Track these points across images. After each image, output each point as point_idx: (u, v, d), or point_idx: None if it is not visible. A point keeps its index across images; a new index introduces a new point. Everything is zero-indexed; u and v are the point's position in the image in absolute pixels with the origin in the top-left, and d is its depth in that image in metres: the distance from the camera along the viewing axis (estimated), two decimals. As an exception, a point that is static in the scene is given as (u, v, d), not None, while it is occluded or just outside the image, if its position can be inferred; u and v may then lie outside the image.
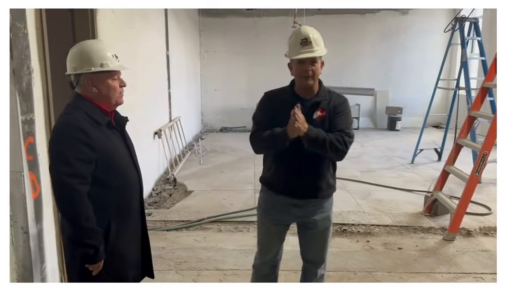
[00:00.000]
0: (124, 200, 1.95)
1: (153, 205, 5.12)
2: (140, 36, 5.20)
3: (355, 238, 4.07)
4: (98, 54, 1.85)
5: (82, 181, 1.75)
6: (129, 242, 2.01)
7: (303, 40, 2.17)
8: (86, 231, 1.77)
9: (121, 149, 1.96)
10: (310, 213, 2.36)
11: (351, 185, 5.90)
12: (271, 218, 2.44)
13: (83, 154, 1.75)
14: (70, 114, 1.83)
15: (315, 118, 2.21)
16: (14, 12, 2.27)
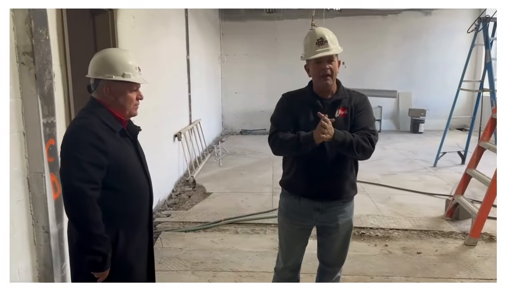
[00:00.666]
0: (134, 208, 1.94)
1: (172, 207, 5.20)
2: (160, 41, 5.30)
3: (373, 242, 4.02)
4: (122, 63, 1.85)
5: (93, 187, 1.73)
6: (137, 252, 1.99)
7: (319, 40, 2.17)
8: (95, 237, 1.74)
9: (133, 157, 1.95)
10: (332, 218, 2.32)
11: (371, 188, 5.83)
12: (293, 223, 2.40)
13: (97, 160, 1.74)
14: (85, 119, 1.83)
15: (337, 116, 2.18)
16: (37, 18, 2.36)
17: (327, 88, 2.22)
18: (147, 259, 2.09)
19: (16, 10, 2.28)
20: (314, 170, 2.24)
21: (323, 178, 2.24)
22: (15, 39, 2.31)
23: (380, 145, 9.02)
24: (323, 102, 2.20)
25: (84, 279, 1.87)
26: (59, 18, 2.74)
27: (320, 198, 2.27)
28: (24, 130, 2.41)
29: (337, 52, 2.19)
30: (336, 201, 2.30)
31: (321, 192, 2.26)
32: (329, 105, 2.20)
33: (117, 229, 1.86)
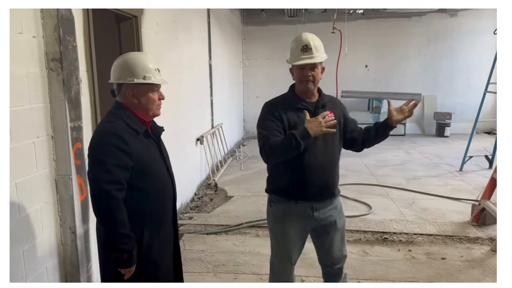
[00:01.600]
0: (158, 206, 1.99)
1: (194, 209, 5.26)
2: (183, 46, 5.39)
3: (396, 247, 3.96)
4: (141, 66, 1.91)
5: (119, 187, 1.79)
6: (162, 248, 2.04)
7: (304, 47, 2.23)
8: (121, 236, 1.81)
9: (156, 157, 2.01)
10: (328, 214, 2.38)
11: (394, 193, 5.75)
12: (292, 227, 2.37)
13: (122, 161, 1.80)
14: (110, 123, 1.90)
15: None
16: (65, 26, 2.45)
17: (309, 91, 2.30)
18: (171, 253, 2.14)
19: (45, 18, 2.38)
20: (309, 171, 2.27)
21: (319, 179, 2.30)
22: (44, 46, 2.41)
23: (404, 149, 8.92)
24: (309, 105, 2.29)
25: (110, 275, 1.94)
26: (86, 25, 2.83)
27: (317, 198, 2.33)
28: (52, 134, 2.50)
29: (320, 60, 2.25)
30: (330, 198, 2.39)
31: (317, 192, 2.32)
32: (316, 107, 2.29)
33: (142, 227, 1.92)
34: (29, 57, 2.30)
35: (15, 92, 2.18)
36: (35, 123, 2.36)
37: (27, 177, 2.30)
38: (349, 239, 4.12)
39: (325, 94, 2.39)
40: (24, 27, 2.24)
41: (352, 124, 2.47)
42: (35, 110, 2.35)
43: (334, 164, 2.38)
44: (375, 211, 4.92)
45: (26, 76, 2.27)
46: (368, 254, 3.83)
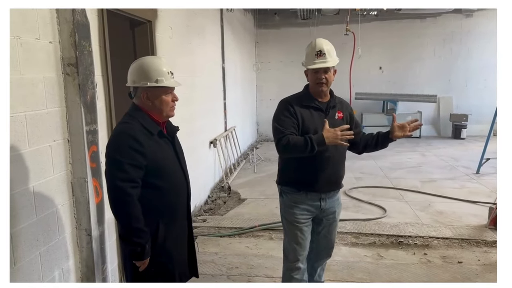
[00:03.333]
0: (172, 202, 2.08)
1: (208, 212, 5.28)
2: (197, 50, 5.43)
3: (411, 251, 3.91)
4: (155, 70, 2.00)
5: (133, 185, 1.90)
6: (176, 242, 2.13)
7: (318, 52, 2.46)
8: (135, 230, 1.91)
9: (170, 156, 2.09)
10: (332, 204, 2.66)
11: (410, 195, 5.68)
12: (303, 216, 2.60)
13: (136, 161, 1.90)
14: (126, 124, 2.00)
15: (336, 118, 2.55)
16: (80, 31, 2.50)
17: (322, 93, 2.53)
18: (185, 249, 2.22)
19: (62, 24, 2.43)
20: (320, 165, 2.51)
21: (330, 172, 2.55)
22: (60, 51, 2.45)
23: (420, 152, 8.82)
24: (322, 105, 2.54)
25: (130, 267, 2.05)
26: (101, 31, 2.87)
27: (326, 189, 2.58)
28: (68, 137, 2.54)
29: (333, 64, 2.48)
30: (335, 190, 2.66)
31: (327, 184, 2.57)
32: (327, 107, 2.55)
33: (157, 221, 2.02)
34: (46, 62, 2.34)
35: (32, 97, 2.22)
36: (52, 127, 2.40)
37: (44, 180, 2.34)
38: (364, 242, 4.09)
39: (335, 96, 2.62)
40: (41, 33, 2.29)
41: (356, 127, 2.67)
42: (51, 114, 2.39)
43: (342, 158, 2.64)
44: (390, 214, 4.87)
45: (43, 81, 2.31)
46: (383, 257, 3.79)
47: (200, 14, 5.54)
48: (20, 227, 2.15)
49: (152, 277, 2.06)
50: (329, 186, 2.60)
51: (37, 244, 2.29)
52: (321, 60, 2.45)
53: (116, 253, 3.15)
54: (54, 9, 2.40)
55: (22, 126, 2.15)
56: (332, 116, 2.54)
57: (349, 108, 2.71)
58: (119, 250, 3.14)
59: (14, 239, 2.10)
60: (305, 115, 2.50)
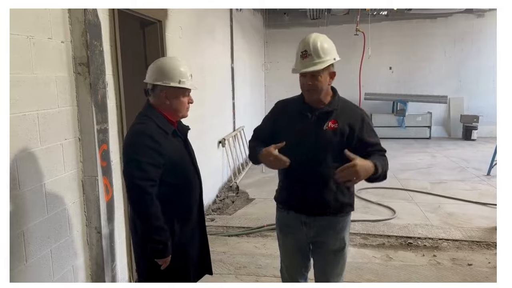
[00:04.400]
0: (186, 200, 2.12)
1: (216, 211, 5.30)
2: (206, 50, 5.45)
3: (420, 252, 3.88)
4: (178, 71, 2.05)
5: (152, 184, 1.93)
6: (190, 239, 2.17)
7: (303, 52, 2.02)
8: (156, 228, 1.95)
9: (183, 154, 2.14)
10: (319, 233, 2.20)
11: (419, 197, 5.64)
12: (287, 236, 2.33)
13: (154, 160, 1.94)
14: (143, 124, 2.03)
15: (325, 129, 2.07)
16: (92, 31, 2.52)
17: (312, 100, 2.11)
18: (199, 245, 2.25)
19: (73, 23, 2.45)
20: (296, 183, 2.17)
21: (305, 191, 2.14)
22: (72, 51, 2.48)
23: (430, 153, 8.75)
24: (312, 112, 2.10)
25: (146, 266, 2.07)
26: (112, 30, 2.90)
27: (305, 211, 2.18)
28: (79, 136, 2.57)
29: (317, 68, 1.97)
30: (322, 216, 2.16)
31: (304, 205, 2.17)
32: (317, 116, 2.09)
33: (172, 219, 2.05)
34: (58, 62, 2.37)
35: (44, 96, 2.25)
36: (63, 126, 2.43)
37: (55, 178, 2.37)
38: (372, 244, 4.07)
39: (341, 100, 2.15)
40: (54, 32, 2.32)
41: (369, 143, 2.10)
42: (63, 113, 2.42)
43: (323, 180, 2.09)
44: (399, 216, 4.84)
45: (55, 80, 2.34)
46: (391, 259, 3.77)
47: (210, 14, 5.55)
48: (32, 224, 2.18)
49: (167, 274, 2.08)
50: (308, 208, 2.17)
51: (48, 242, 2.32)
52: (306, 63, 2.00)
53: (126, 251, 3.17)
54: (66, 9, 2.42)
55: (34, 124, 2.18)
56: (319, 124, 2.08)
57: (356, 119, 2.10)
58: (129, 248, 3.17)
59: (26, 237, 2.13)
60: (285, 122, 2.17)
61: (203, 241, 2.29)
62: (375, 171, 1.95)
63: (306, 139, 2.08)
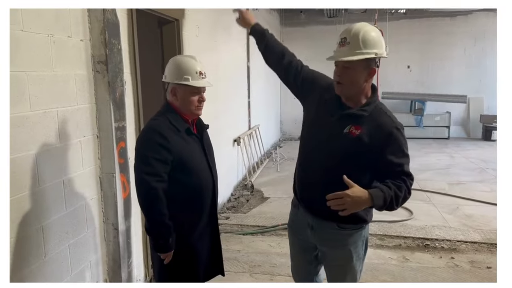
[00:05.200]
0: (197, 199, 2.10)
1: (231, 209, 5.31)
2: (222, 48, 5.46)
3: (438, 254, 3.82)
4: (184, 69, 2.03)
5: (158, 179, 1.94)
6: (201, 238, 2.15)
7: (342, 40, 1.78)
8: (158, 224, 1.97)
9: (197, 153, 2.12)
10: (323, 242, 1.99)
11: (437, 198, 5.55)
12: (293, 234, 2.19)
13: (161, 155, 1.94)
14: (155, 120, 2.05)
15: (345, 132, 1.80)
16: (110, 29, 2.55)
17: (342, 95, 1.85)
18: (210, 244, 2.23)
19: (92, 22, 2.48)
20: (308, 176, 1.97)
21: (313, 191, 1.91)
22: (91, 49, 2.51)
23: (448, 153, 8.60)
24: (338, 110, 1.84)
25: (157, 259, 2.10)
26: (130, 29, 2.92)
27: (311, 212, 1.97)
28: (97, 133, 2.60)
29: (353, 58, 1.72)
30: (330, 222, 1.90)
31: (310, 205, 1.96)
32: (342, 115, 1.83)
33: (182, 216, 2.06)
34: (77, 60, 2.40)
35: (64, 93, 2.29)
36: (82, 123, 2.46)
37: (74, 174, 2.40)
38: (389, 245, 4.03)
39: (377, 106, 1.84)
40: (73, 31, 2.35)
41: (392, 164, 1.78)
42: (82, 110, 2.45)
43: (332, 187, 1.71)
44: (416, 217, 4.77)
45: (74, 78, 2.37)
46: (408, 260, 3.72)
47: (227, 12, 5.54)
48: (51, 219, 2.21)
49: (177, 270, 2.10)
50: (315, 211, 1.94)
51: (67, 237, 2.36)
52: (341, 51, 1.76)
53: (142, 247, 3.20)
54: (86, 8, 2.45)
55: (54, 122, 2.22)
56: (341, 125, 1.82)
57: (382, 130, 1.79)
58: (145, 245, 3.20)
59: (45, 232, 2.17)
60: (315, 101, 1.96)
61: (214, 241, 2.27)
62: (372, 205, 1.71)
63: (324, 137, 1.88)
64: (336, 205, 1.67)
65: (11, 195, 1.93)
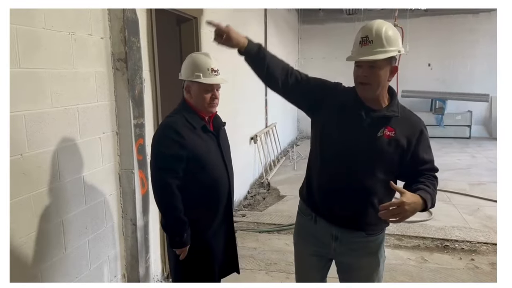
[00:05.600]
0: (212, 196, 2.11)
1: (247, 207, 5.32)
2: (240, 46, 5.45)
3: (457, 255, 3.75)
4: (196, 66, 2.05)
5: (173, 175, 1.96)
6: (216, 235, 2.15)
7: (364, 38, 1.70)
8: (173, 219, 1.99)
9: (213, 150, 2.11)
10: (352, 252, 1.87)
11: (457, 198, 5.45)
12: (307, 247, 1.99)
13: (175, 152, 1.96)
14: (171, 117, 2.07)
15: (380, 136, 1.74)
16: (130, 27, 2.58)
17: (366, 97, 1.76)
18: (225, 241, 2.23)
19: (112, 20, 2.52)
20: (335, 189, 1.80)
21: (343, 201, 1.80)
22: (111, 47, 2.55)
23: (469, 153, 8.43)
24: (367, 112, 1.75)
25: (173, 254, 2.11)
26: (149, 27, 2.95)
27: (338, 223, 1.84)
28: (117, 130, 2.64)
29: (380, 57, 1.66)
30: (358, 231, 1.84)
31: (338, 215, 1.83)
32: (372, 117, 1.74)
33: (198, 212, 2.07)
34: (97, 57, 2.44)
35: (84, 90, 2.32)
36: (102, 120, 2.50)
37: (94, 170, 2.44)
38: (407, 245, 3.97)
39: (399, 105, 1.80)
40: (94, 29, 2.38)
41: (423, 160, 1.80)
42: (101, 107, 2.49)
43: (367, 194, 1.76)
44: (435, 217, 4.69)
45: (94, 75, 2.41)
46: (426, 261, 3.66)
47: (244, 10, 5.55)
48: (71, 214, 2.26)
49: (192, 267, 2.11)
50: (343, 221, 1.83)
51: (86, 232, 2.40)
52: (365, 50, 1.68)
53: (159, 243, 3.23)
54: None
55: (74, 118, 2.26)
56: (373, 129, 1.75)
57: (413, 129, 1.78)
58: (162, 241, 3.23)
59: (65, 226, 2.22)
60: (333, 110, 1.81)
61: (230, 239, 2.26)
62: (424, 208, 1.66)
63: (354, 143, 1.76)
64: (391, 215, 1.57)
65: (33, 189, 1.98)
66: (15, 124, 1.86)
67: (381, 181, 1.75)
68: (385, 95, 1.80)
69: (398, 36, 1.74)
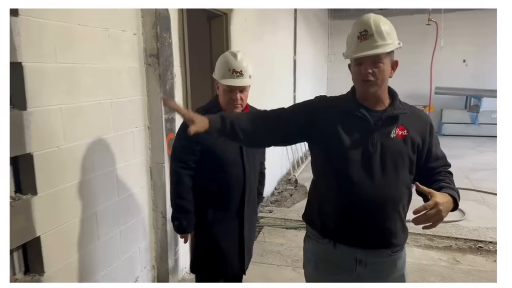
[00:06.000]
0: (223, 193, 2.15)
1: (274, 203, 5.32)
2: (269, 42, 5.44)
3: (492, 258, 3.62)
4: (224, 66, 2.10)
5: (183, 166, 2.09)
6: (225, 232, 2.19)
7: (362, 33, 1.57)
8: (176, 206, 2.13)
9: (232, 149, 2.11)
10: (379, 274, 1.70)
11: (492, 199, 5.25)
12: (326, 277, 1.74)
13: (189, 145, 2.06)
14: None
15: (393, 137, 1.61)
16: (162, 23, 2.62)
17: (369, 95, 1.62)
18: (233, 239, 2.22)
19: (145, 16, 2.56)
20: (355, 207, 1.61)
21: (366, 218, 1.62)
22: (143, 42, 2.59)
23: (504, 152, 8.09)
24: (371, 114, 1.61)
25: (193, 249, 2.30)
26: (180, 23, 2.99)
27: (362, 244, 1.66)
28: (148, 124, 2.69)
29: (385, 50, 1.55)
30: (384, 250, 1.67)
31: (362, 236, 1.64)
32: (380, 119, 1.61)
33: (207, 206, 2.16)
34: (130, 53, 2.49)
35: (117, 85, 2.38)
36: (134, 114, 2.56)
37: (126, 163, 2.50)
38: (438, 245, 3.87)
39: (402, 102, 1.68)
40: (127, 25, 2.44)
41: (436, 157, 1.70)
42: (134, 102, 2.55)
43: (392, 204, 1.61)
44: (468, 218, 4.54)
45: (127, 70, 2.47)
46: (459, 262, 3.56)
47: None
48: (103, 206, 2.32)
49: (204, 256, 2.22)
50: (370, 241, 1.65)
51: (118, 223, 2.47)
52: (367, 45, 1.55)
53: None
54: (139, 3, 2.53)
55: (108, 112, 2.32)
56: (384, 131, 1.61)
57: (425, 125, 1.68)
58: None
59: (99, 217, 2.28)
60: (331, 124, 1.63)
61: (241, 237, 2.23)
62: (454, 207, 1.54)
63: (368, 149, 1.60)
64: (425, 220, 1.47)
65: (68, 181, 2.05)
66: (52, 117, 1.93)
67: (405, 186, 1.63)
68: (386, 94, 1.67)
69: (394, 29, 1.64)
